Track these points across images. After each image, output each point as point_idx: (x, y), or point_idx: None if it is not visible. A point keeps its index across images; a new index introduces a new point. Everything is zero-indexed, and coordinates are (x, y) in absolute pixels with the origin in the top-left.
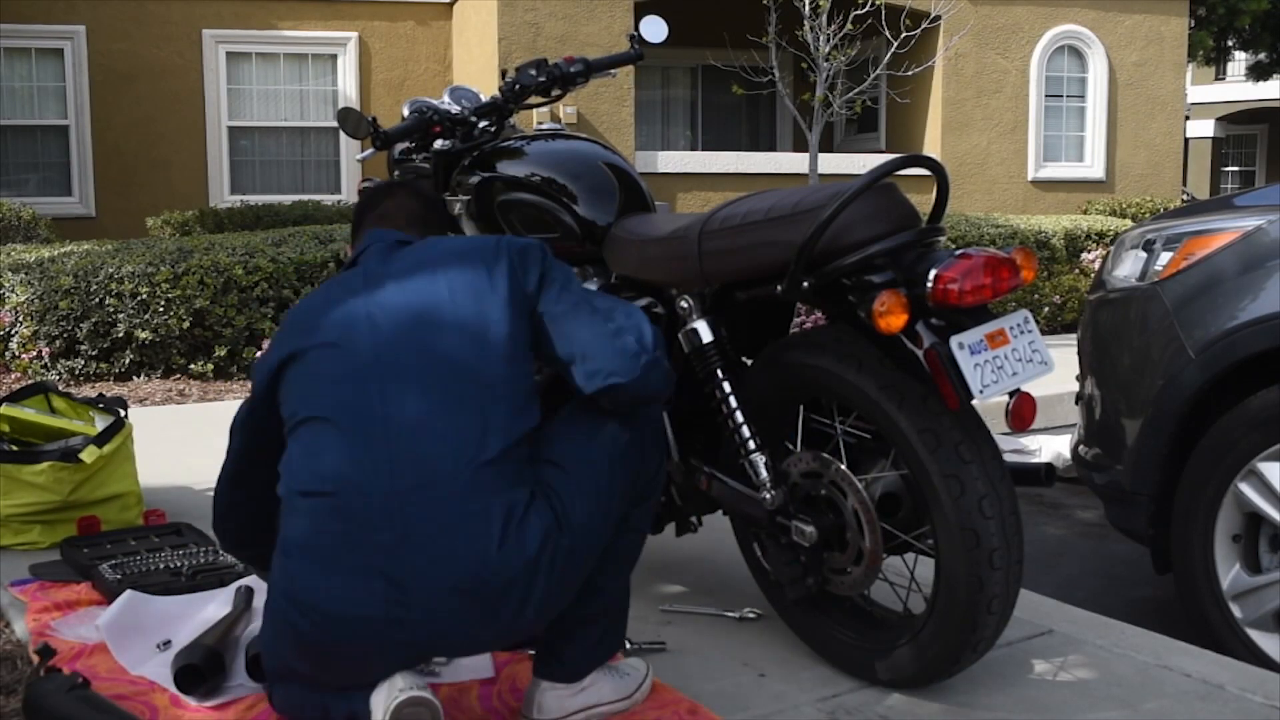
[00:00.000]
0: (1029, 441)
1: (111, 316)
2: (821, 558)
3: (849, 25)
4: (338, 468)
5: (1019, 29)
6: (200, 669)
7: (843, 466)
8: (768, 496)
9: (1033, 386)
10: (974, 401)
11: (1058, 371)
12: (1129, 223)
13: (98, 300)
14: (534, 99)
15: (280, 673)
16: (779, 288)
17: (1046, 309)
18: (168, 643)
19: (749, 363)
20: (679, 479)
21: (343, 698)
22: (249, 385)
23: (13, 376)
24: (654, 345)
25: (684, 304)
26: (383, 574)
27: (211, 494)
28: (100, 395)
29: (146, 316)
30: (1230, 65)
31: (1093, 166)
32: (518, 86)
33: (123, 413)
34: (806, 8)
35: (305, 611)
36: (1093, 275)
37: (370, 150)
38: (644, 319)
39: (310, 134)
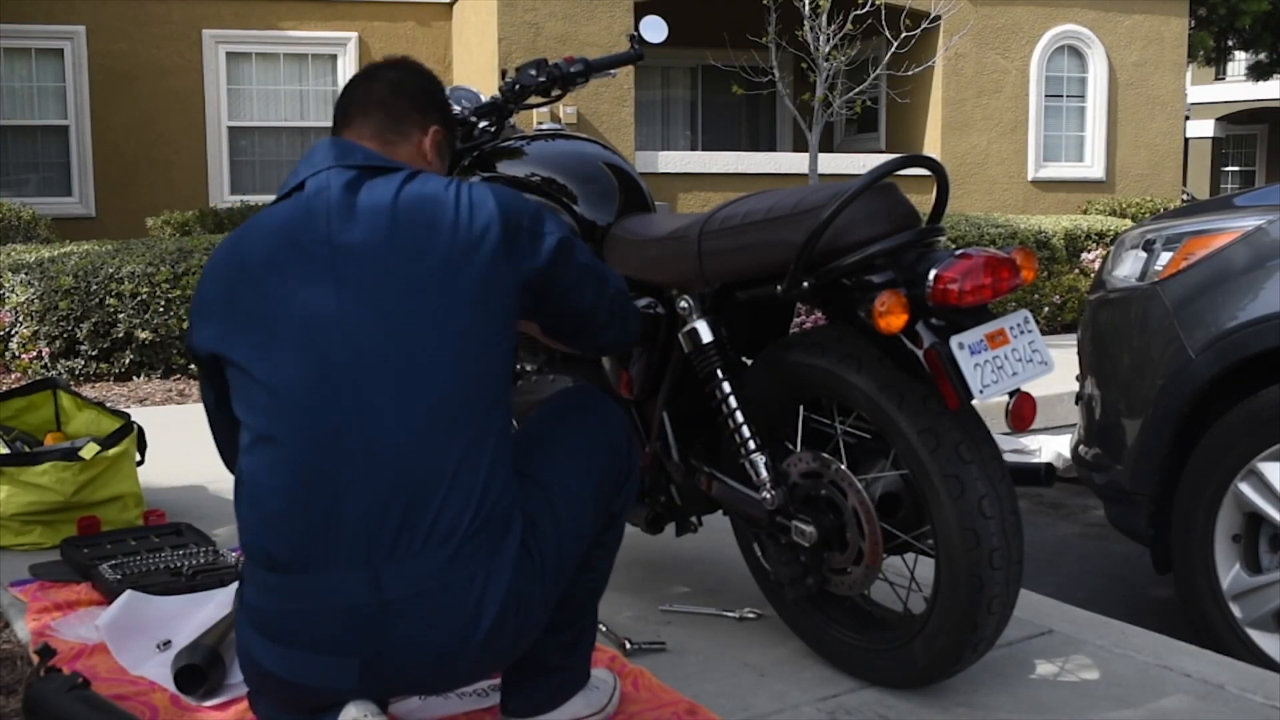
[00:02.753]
0: (1029, 441)
1: (111, 316)
2: (821, 558)
3: (849, 25)
4: (299, 532)
5: (1019, 29)
6: (201, 669)
7: (843, 466)
8: (768, 496)
9: (1033, 386)
10: (974, 401)
11: (1058, 371)
12: (1129, 223)
13: (98, 300)
14: (534, 99)
15: (254, 689)
16: (779, 288)
17: (1046, 309)
18: (168, 643)
19: (749, 363)
20: (679, 479)
21: None
22: None
23: (13, 376)
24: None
25: (684, 304)
26: (357, 652)
27: (211, 494)
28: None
29: (146, 316)
30: (1230, 65)
31: (1093, 166)
32: (518, 86)
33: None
34: (806, 8)
35: (268, 679)
36: (1093, 275)
37: None
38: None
39: (310, 134)
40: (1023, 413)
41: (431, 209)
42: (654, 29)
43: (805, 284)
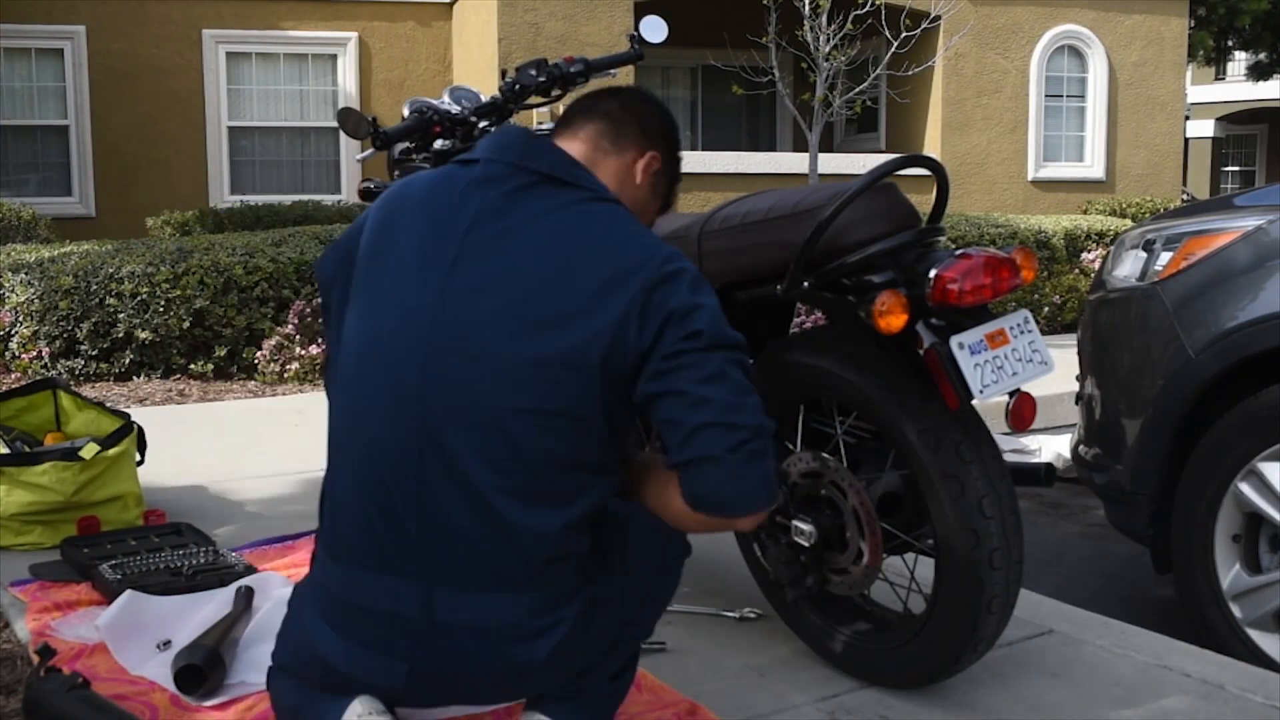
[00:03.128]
0: (1029, 441)
1: (111, 316)
2: (821, 558)
3: (849, 25)
4: (362, 529)
5: (1019, 29)
6: (201, 669)
7: (843, 466)
8: None
9: (1033, 386)
10: (974, 401)
11: (1058, 371)
12: (1129, 223)
13: (98, 300)
14: (534, 99)
15: (283, 662)
16: (779, 288)
17: (1046, 309)
18: (168, 643)
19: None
20: None
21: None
22: (248, 385)
23: (13, 376)
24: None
25: None
26: (406, 660)
27: (211, 494)
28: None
29: (146, 316)
30: (1230, 65)
31: (1093, 166)
32: (518, 86)
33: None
34: (806, 8)
35: (316, 664)
36: (1093, 275)
37: (370, 150)
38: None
39: (310, 134)
40: (1023, 413)
41: (573, 245)
42: (654, 29)
43: (805, 284)
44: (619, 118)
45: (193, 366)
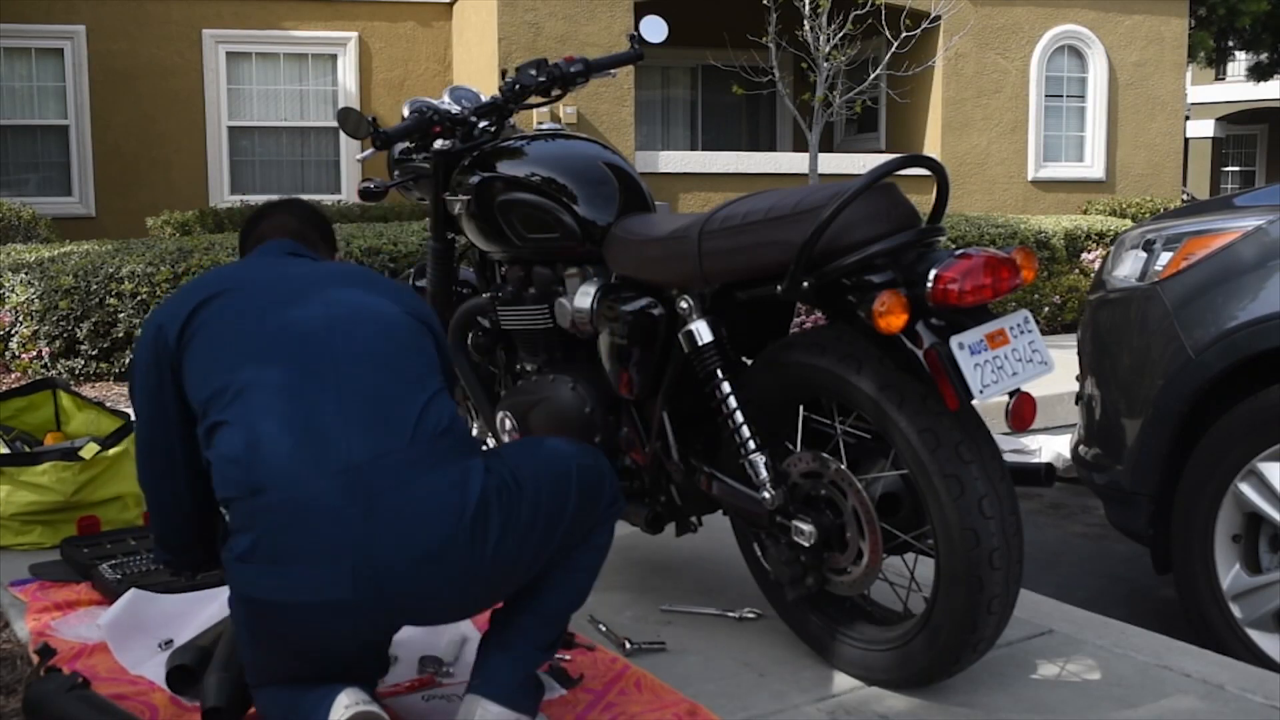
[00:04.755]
0: (1029, 441)
1: (112, 316)
2: (821, 557)
3: (849, 25)
4: (280, 460)
5: (1019, 29)
6: (193, 669)
7: (843, 466)
8: (768, 496)
9: (1033, 386)
10: (974, 401)
11: (1058, 371)
12: (1129, 223)
13: (98, 300)
14: (534, 99)
15: (259, 679)
16: (779, 288)
17: (1046, 309)
18: (169, 642)
19: (749, 363)
20: (679, 479)
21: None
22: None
23: (13, 376)
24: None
25: (684, 304)
26: (350, 555)
27: None
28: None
29: (146, 316)
30: (1230, 65)
31: (1093, 166)
32: (518, 86)
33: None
34: (806, 8)
35: (269, 610)
36: (1093, 275)
37: (370, 150)
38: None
39: (310, 134)
40: (1023, 413)
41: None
42: (654, 29)
43: (805, 284)
44: (313, 235)
45: None
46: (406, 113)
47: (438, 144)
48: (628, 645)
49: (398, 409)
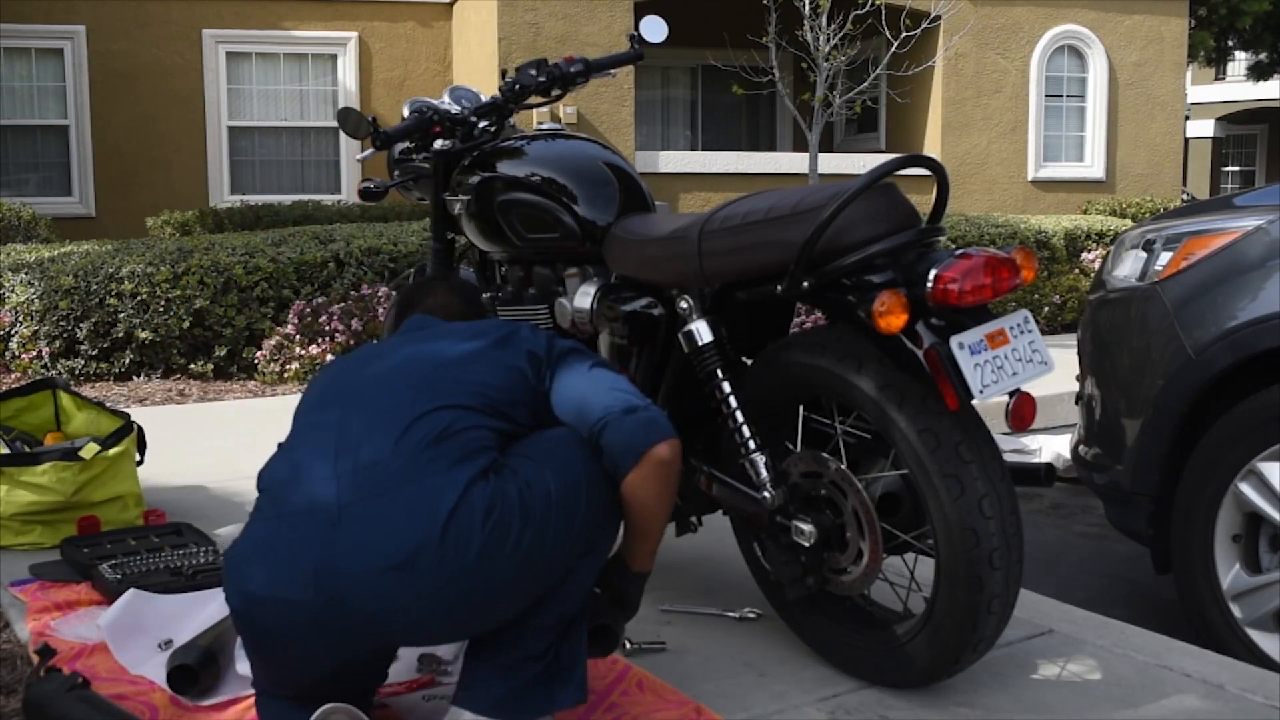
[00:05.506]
0: (1029, 441)
1: (112, 316)
2: (821, 557)
3: (849, 25)
4: (289, 470)
5: (1019, 29)
6: (193, 669)
7: (843, 466)
8: (768, 496)
9: (1033, 386)
10: (974, 401)
11: (1058, 371)
12: (1129, 223)
13: (98, 300)
14: (534, 99)
15: (259, 685)
16: (779, 288)
17: (1046, 309)
18: (169, 642)
19: (749, 363)
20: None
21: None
22: (248, 385)
23: (13, 376)
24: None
25: (684, 304)
26: (312, 556)
27: (211, 494)
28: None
29: (146, 316)
30: (1230, 65)
31: (1093, 166)
32: (518, 86)
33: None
34: (806, 8)
35: (240, 606)
36: (1093, 275)
37: (370, 150)
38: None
39: (310, 134)
40: (1023, 413)
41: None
42: (654, 29)
43: (805, 284)
44: (464, 315)
45: (193, 366)
46: (406, 113)
47: (438, 144)
48: (628, 645)
49: (392, 422)
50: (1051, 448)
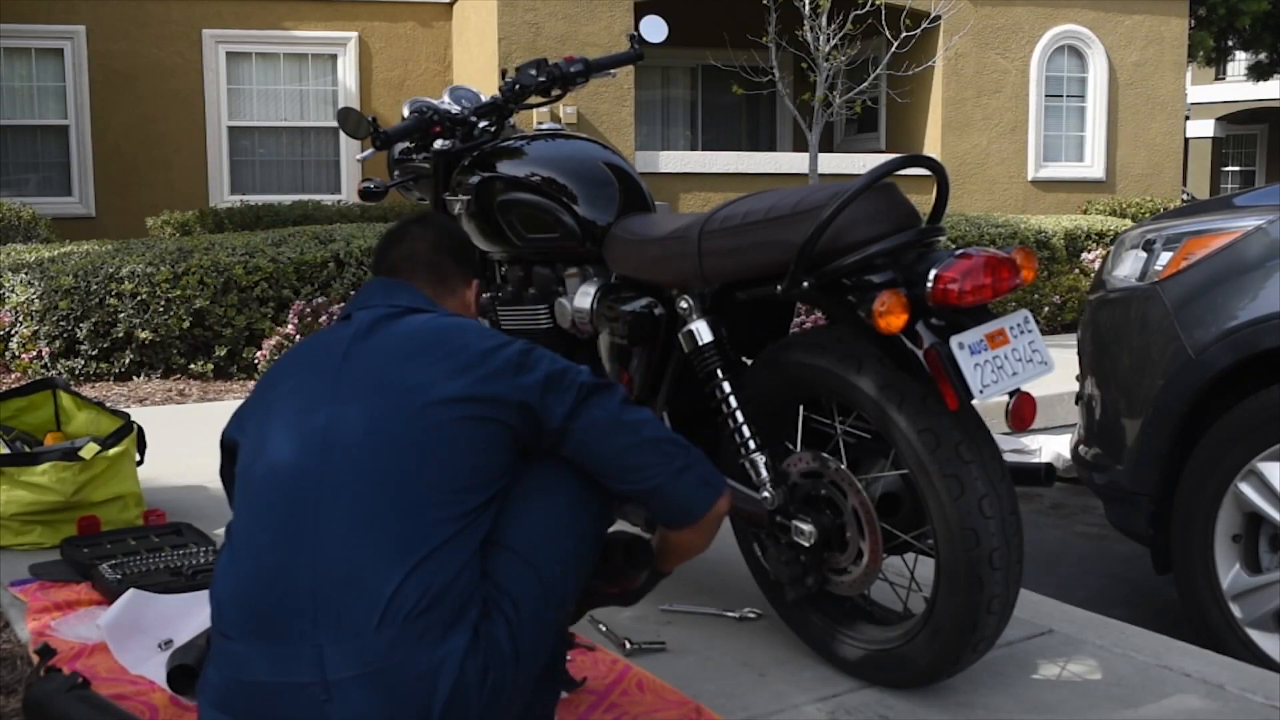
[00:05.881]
0: (1029, 441)
1: (112, 316)
2: (821, 557)
3: (849, 25)
4: (255, 601)
5: (1019, 29)
6: (194, 669)
7: (843, 466)
8: (768, 496)
9: (1033, 386)
10: (974, 401)
11: (1058, 371)
12: (1129, 223)
13: (98, 300)
14: (534, 99)
15: None
16: (779, 288)
17: (1046, 309)
18: (169, 642)
19: (749, 363)
20: None
21: None
22: (248, 386)
23: (13, 376)
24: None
25: (684, 304)
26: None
27: (211, 494)
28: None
29: (146, 316)
30: (1230, 65)
31: (1093, 166)
32: (518, 86)
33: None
34: (806, 8)
35: None
36: (1093, 275)
37: (370, 150)
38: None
39: (310, 134)
40: (1023, 413)
41: (444, 335)
42: (654, 29)
43: (805, 284)
44: (438, 263)
45: (193, 366)
46: (406, 113)
47: (438, 144)
48: (628, 645)
49: (370, 583)
50: (1051, 448)
